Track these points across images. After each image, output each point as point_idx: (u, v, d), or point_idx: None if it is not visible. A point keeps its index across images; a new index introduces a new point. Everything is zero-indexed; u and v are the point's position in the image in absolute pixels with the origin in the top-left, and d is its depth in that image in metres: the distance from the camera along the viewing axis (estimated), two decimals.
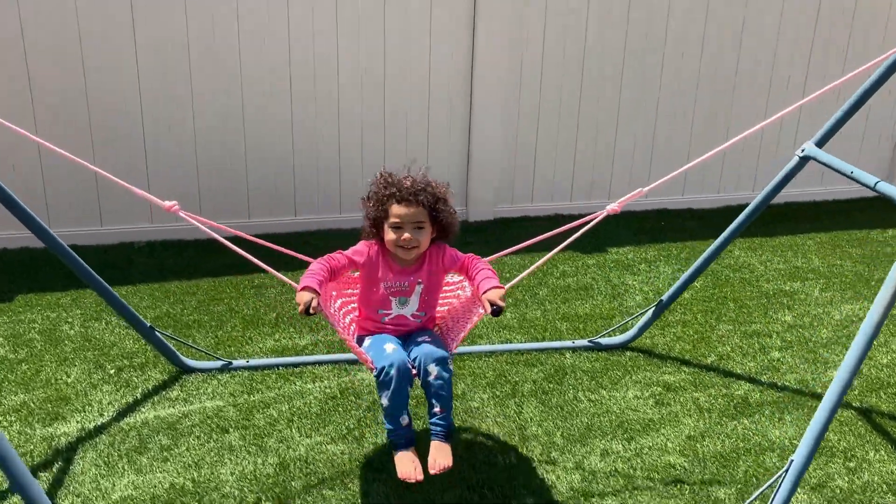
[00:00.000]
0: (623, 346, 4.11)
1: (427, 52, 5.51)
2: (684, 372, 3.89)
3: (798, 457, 2.76)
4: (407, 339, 3.10)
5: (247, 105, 5.31)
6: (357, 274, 3.19)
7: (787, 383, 3.82)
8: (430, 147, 5.77)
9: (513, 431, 3.40)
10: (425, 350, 2.96)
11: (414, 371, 2.92)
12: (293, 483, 3.09)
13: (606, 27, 5.76)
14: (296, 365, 3.91)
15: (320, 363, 3.92)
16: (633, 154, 6.17)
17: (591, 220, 3.31)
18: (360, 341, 3.13)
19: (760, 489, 2.79)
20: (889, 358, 4.06)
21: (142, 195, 2.96)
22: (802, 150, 3.47)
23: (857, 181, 3.12)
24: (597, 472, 3.15)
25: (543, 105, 5.85)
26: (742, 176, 6.45)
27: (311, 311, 2.74)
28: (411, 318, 3.13)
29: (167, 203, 2.95)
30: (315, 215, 5.71)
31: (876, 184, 3.01)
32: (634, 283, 4.90)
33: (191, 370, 3.84)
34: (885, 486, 3.10)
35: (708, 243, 3.69)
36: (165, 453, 3.25)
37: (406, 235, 2.96)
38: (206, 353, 3.94)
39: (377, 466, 3.18)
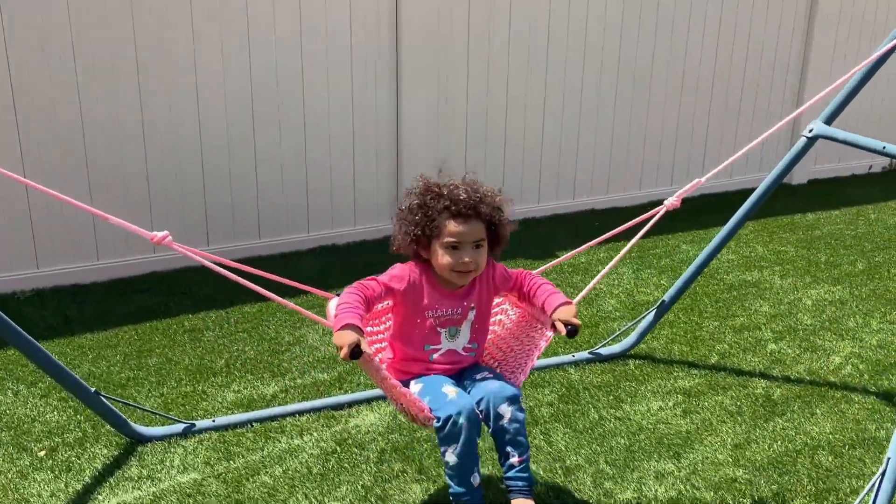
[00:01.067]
0: (624, 355, 3.82)
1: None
2: (695, 375, 3.65)
3: (894, 454, 2.56)
4: (459, 379, 2.59)
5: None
6: (385, 304, 2.66)
7: (798, 375, 3.66)
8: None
9: (552, 465, 2.99)
10: (492, 389, 2.47)
11: (480, 416, 2.45)
12: None
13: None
14: (272, 418, 3.30)
15: (301, 413, 3.34)
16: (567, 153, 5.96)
17: (653, 216, 3.01)
18: None
19: (861, 495, 2.55)
20: (878, 338, 4.02)
21: (128, 227, 2.30)
22: (810, 130, 3.32)
23: (889, 154, 2.98)
24: (661, 498, 2.81)
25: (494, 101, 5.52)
26: (661, 172, 6.40)
27: (357, 354, 2.21)
28: (463, 353, 2.62)
29: (157, 234, 2.30)
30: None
31: None
32: (600, 286, 4.64)
33: (146, 439, 3.15)
34: None
35: (653, 240, 3.50)
36: None
37: (466, 259, 2.45)
38: (164, 417, 3.25)
39: None
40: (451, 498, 2.43)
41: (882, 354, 3.86)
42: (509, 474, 2.45)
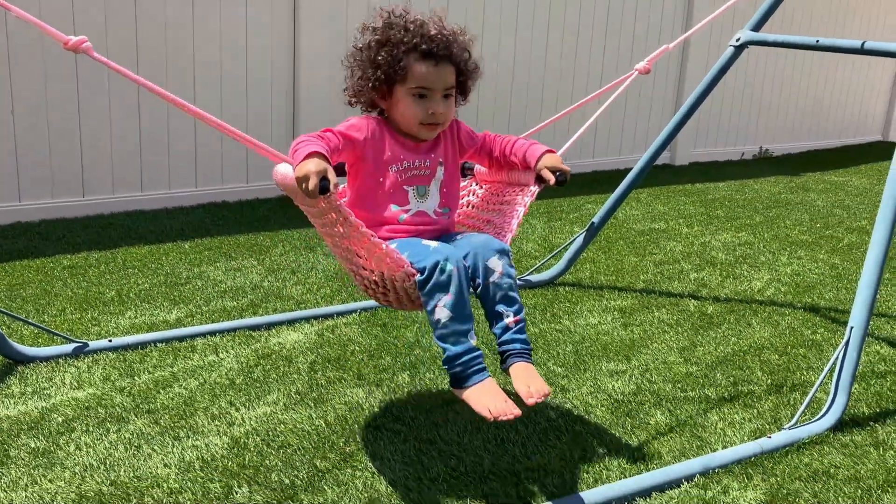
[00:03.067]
0: (552, 282, 3.66)
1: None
2: (627, 297, 3.54)
3: (856, 322, 2.52)
4: (437, 241, 2.20)
5: None
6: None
7: (726, 295, 3.63)
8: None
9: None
10: (478, 242, 2.12)
11: None
12: (265, 459, 2.17)
13: None
14: (180, 338, 2.89)
15: (213, 333, 2.95)
16: None
17: (623, 82, 2.93)
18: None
19: (827, 366, 2.48)
20: (790, 269, 4.08)
21: (42, 26, 1.86)
22: (738, 39, 3.33)
23: (831, 48, 3.01)
24: (621, 391, 2.64)
25: None
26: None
27: (326, 187, 1.79)
28: (434, 216, 2.25)
29: (72, 38, 1.88)
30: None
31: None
32: (517, 233, 4.47)
33: (28, 360, 2.66)
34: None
35: (558, 201, 3.41)
36: (43, 458, 2.14)
37: (437, 109, 2.14)
38: (52, 335, 2.78)
39: (367, 423, 2.37)
40: (445, 365, 1.99)
41: (799, 279, 3.90)
42: (505, 337, 2.06)
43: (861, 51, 2.83)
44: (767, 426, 2.48)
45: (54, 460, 2.13)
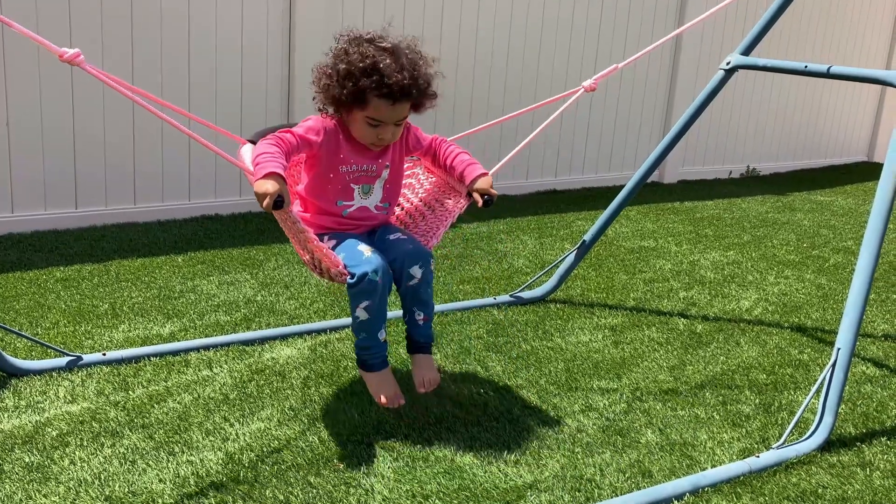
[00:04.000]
0: (543, 299, 3.69)
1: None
2: (617, 315, 3.57)
3: (843, 343, 2.57)
4: (371, 237, 2.54)
5: None
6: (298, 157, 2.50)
7: (715, 314, 3.67)
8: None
9: (494, 386, 2.79)
10: (405, 250, 2.45)
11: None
12: (259, 475, 2.18)
13: None
14: (174, 353, 2.90)
15: (207, 347, 2.96)
16: None
17: (571, 96, 3.05)
18: None
19: (815, 387, 2.53)
20: (778, 288, 4.13)
21: (36, 38, 1.88)
22: (727, 63, 3.38)
23: (812, 73, 3.07)
24: (612, 409, 2.67)
25: None
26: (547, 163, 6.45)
27: (280, 204, 2.11)
28: (375, 211, 2.56)
29: (67, 50, 1.89)
30: None
31: (829, 68, 2.99)
32: (507, 249, 4.52)
33: (21, 373, 2.67)
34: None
35: (549, 217, 3.46)
36: (37, 473, 2.15)
37: (385, 136, 2.40)
38: (45, 347, 2.79)
39: (360, 439, 2.39)
40: (356, 350, 2.46)
41: (786, 299, 3.95)
42: (413, 330, 2.53)
43: (846, 77, 2.89)
44: (756, 445, 2.51)
45: (48, 475, 2.14)
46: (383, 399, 2.42)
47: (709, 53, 6.81)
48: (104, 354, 2.82)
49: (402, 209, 2.82)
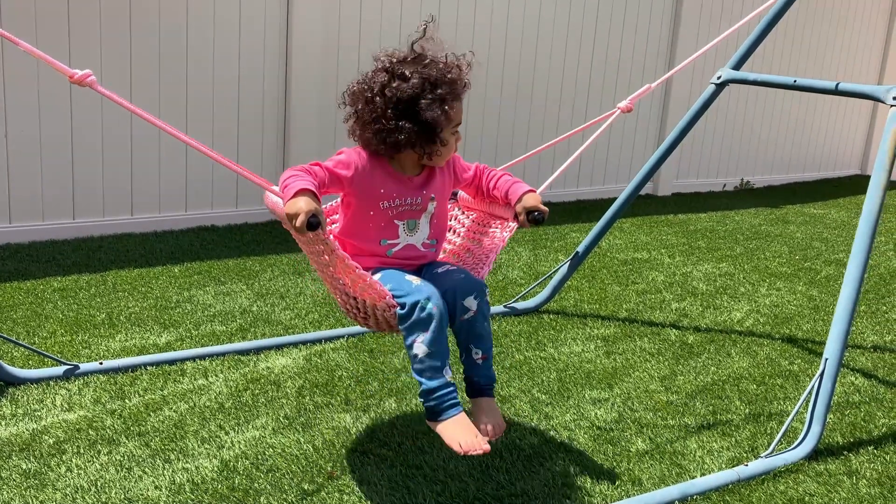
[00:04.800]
0: (537, 310, 3.72)
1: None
2: (610, 326, 3.61)
3: (830, 354, 2.61)
4: (419, 274, 2.28)
5: None
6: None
7: (707, 325, 3.70)
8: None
9: None
10: (457, 280, 2.20)
11: None
12: (254, 482, 2.21)
13: None
14: (170, 362, 2.93)
15: (202, 357, 2.99)
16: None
17: (605, 120, 3.02)
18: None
19: (802, 396, 2.56)
20: (769, 300, 4.17)
21: (46, 59, 1.92)
22: (718, 77, 3.44)
23: (801, 88, 3.12)
24: (603, 418, 2.70)
25: None
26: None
27: (315, 224, 1.87)
28: (423, 249, 2.33)
29: (77, 71, 1.94)
30: None
31: (818, 84, 3.05)
32: (502, 260, 4.56)
33: (18, 381, 2.70)
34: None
35: (543, 230, 3.51)
36: (35, 480, 2.17)
37: (459, 139, 2.27)
38: (42, 356, 2.81)
39: (354, 447, 2.41)
40: (421, 398, 2.12)
41: (777, 311, 3.99)
42: (472, 371, 2.21)
43: (835, 91, 2.94)
44: (745, 454, 2.54)
45: (45, 481, 2.17)
46: (464, 447, 2.01)
47: (702, 66, 6.88)
48: (101, 363, 2.85)
49: (446, 251, 2.63)
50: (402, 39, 2.28)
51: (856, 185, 8.35)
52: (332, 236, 2.11)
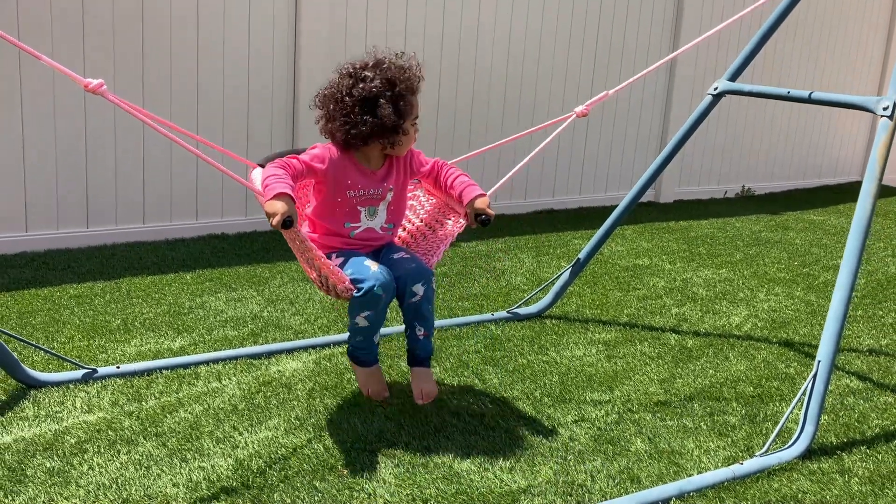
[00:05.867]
0: (540, 315, 3.82)
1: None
2: (611, 331, 3.70)
3: (823, 356, 2.69)
4: (376, 255, 2.69)
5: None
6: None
7: (706, 330, 3.79)
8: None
9: (492, 398, 2.92)
10: (408, 268, 2.61)
11: None
12: (267, 480, 2.30)
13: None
14: (185, 366, 3.03)
15: (216, 361, 3.09)
16: None
17: (562, 122, 3.17)
18: None
19: (796, 398, 2.65)
20: (768, 305, 4.26)
21: (61, 69, 2.03)
22: (715, 88, 3.53)
23: (794, 99, 3.21)
24: (604, 419, 2.79)
25: None
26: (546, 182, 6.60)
27: (289, 223, 2.27)
28: (381, 231, 2.73)
29: (91, 80, 2.04)
30: None
31: (811, 94, 3.14)
32: (505, 267, 4.65)
33: (39, 384, 2.80)
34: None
35: (546, 236, 3.61)
36: (58, 478, 2.27)
37: (417, 129, 2.67)
38: (62, 360, 2.92)
39: (363, 447, 2.51)
40: (349, 349, 2.70)
41: (776, 315, 4.08)
42: (413, 344, 2.70)
43: (827, 102, 3.03)
44: (740, 454, 2.63)
45: (69, 479, 2.26)
46: (370, 392, 2.72)
47: (703, 74, 6.99)
48: (118, 367, 2.95)
49: (405, 230, 2.99)
50: (407, 47, 2.54)
51: (856, 191, 8.34)
52: (306, 223, 2.68)
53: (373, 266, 2.54)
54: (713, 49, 7.13)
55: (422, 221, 2.96)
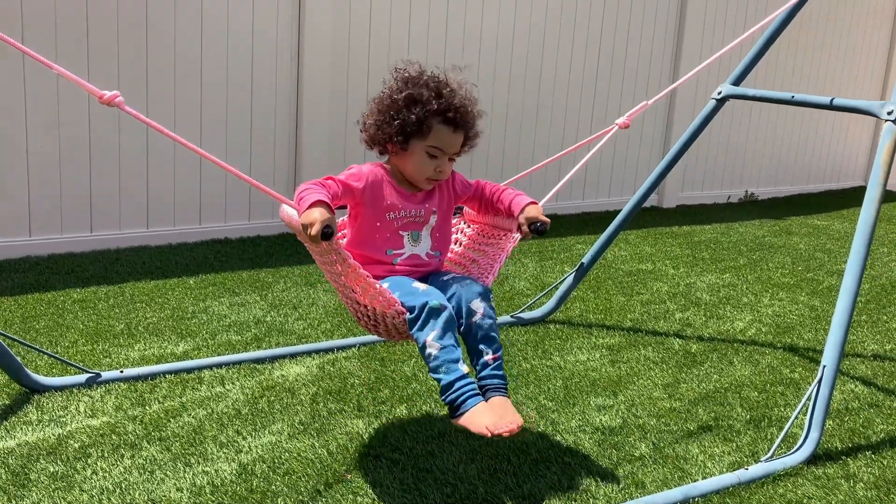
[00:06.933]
0: (543, 320, 3.81)
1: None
2: (615, 335, 3.69)
3: (828, 361, 2.69)
4: (425, 282, 2.40)
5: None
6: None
7: (710, 335, 3.79)
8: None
9: None
10: (463, 286, 2.32)
11: None
12: (271, 485, 2.30)
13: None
14: (188, 370, 3.03)
15: (219, 365, 3.09)
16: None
17: (604, 136, 3.15)
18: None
19: (801, 403, 2.64)
20: (772, 310, 4.25)
21: (75, 80, 2.04)
22: (719, 93, 3.53)
23: (798, 103, 3.21)
24: (608, 425, 2.79)
25: None
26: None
27: (329, 234, 2.01)
28: (426, 259, 2.46)
29: (106, 92, 2.05)
30: None
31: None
32: (509, 272, 4.65)
33: (43, 389, 2.80)
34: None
35: (549, 241, 3.61)
36: (62, 482, 2.27)
37: (443, 169, 2.38)
38: (66, 364, 2.92)
39: (366, 452, 2.50)
40: (441, 395, 2.17)
41: (780, 320, 4.07)
42: (484, 373, 2.25)
43: (831, 107, 3.03)
44: (745, 459, 2.62)
45: (72, 483, 2.26)
46: (491, 427, 2.06)
47: (706, 79, 6.98)
48: (121, 372, 2.95)
49: (451, 261, 2.76)
50: (411, 49, 2.45)
51: (859, 196, 8.37)
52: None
53: (422, 286, 2.28)
54: (716, 52, 7.12)
55: (465, 248, 2.76)
